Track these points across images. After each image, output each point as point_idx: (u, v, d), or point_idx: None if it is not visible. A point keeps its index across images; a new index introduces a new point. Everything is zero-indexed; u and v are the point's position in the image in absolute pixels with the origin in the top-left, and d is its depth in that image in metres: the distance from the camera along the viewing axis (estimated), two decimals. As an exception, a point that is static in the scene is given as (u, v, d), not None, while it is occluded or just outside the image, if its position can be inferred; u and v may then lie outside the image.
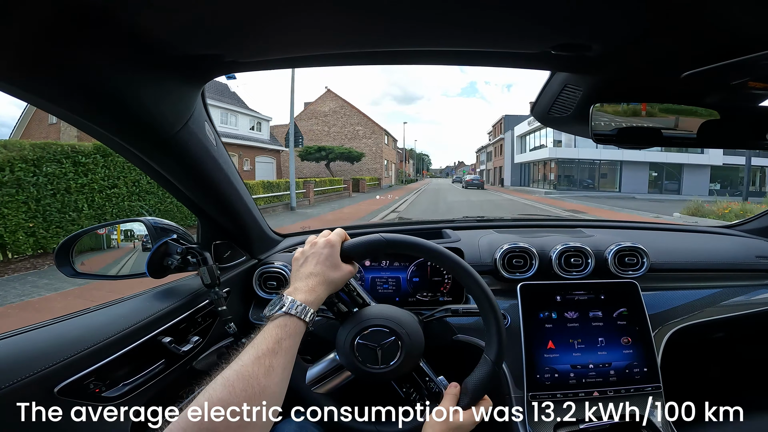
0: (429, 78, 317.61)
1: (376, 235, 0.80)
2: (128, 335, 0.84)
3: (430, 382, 0.84)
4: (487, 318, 0.79)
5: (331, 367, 0.86)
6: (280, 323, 0.62)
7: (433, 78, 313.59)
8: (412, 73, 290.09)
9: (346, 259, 0.77)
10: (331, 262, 0.74)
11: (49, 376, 0.69)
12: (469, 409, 0.74)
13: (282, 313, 0.63)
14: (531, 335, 1.06)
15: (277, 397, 0.58)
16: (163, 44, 0.61)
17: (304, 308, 0.64)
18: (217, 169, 0.93)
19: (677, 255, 1.29)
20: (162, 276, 0.98)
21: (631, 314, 1.07)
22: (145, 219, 0.99)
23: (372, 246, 0.80)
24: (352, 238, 0.82)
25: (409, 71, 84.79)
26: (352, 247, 0.79)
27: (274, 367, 0.57)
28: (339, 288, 0.77)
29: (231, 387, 0.54)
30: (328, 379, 0.85)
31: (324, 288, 0.71)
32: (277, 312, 0.64)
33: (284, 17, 0.58)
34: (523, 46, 0.68)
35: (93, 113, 0.66)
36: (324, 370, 0.86)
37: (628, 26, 0.60)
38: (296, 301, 0.65)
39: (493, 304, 0.78)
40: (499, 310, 0.79)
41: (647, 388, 1.03)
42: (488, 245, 1.28)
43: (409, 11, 0.56)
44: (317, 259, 0.74)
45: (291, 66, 0.74)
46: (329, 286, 0.72)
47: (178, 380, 0.97)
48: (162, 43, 0.60)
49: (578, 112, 0.84)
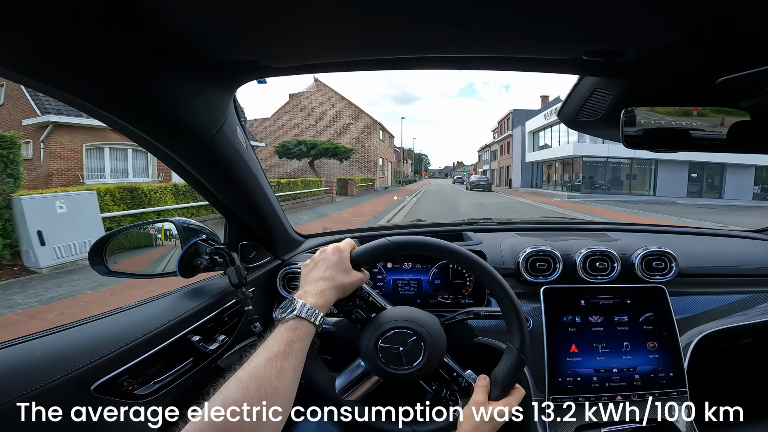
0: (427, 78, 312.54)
1: (383, 240, 0.82)
2: (160, 334, 0.86)
3: (458, 377, 0.84)
4: (505, 306, 0.80)
5: (358, 373, 0.86)
6: (291, 326, 0.64)
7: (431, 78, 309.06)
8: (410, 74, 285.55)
9: (356, 266, 0.80)
10: (341, 268, 0.76)
11: (86, 374, 0.71)
12: (503, 400, 0.75)
13: (293, 316, 0.65)
14: (554, 339, 1.05)
15: (288, 398, 0.60)
16: (203, 50, 0.62)
17: (314, 311, 0.66)
18: (248, 172, 0.95)
19: (706, 260, 1.27)
20: (191, 275, 1.00)
21: (658, 319, 1.06)
22: (175, 219, 1.01)
23: (379, 250, 0.82)
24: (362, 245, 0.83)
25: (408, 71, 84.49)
26: (361, 253, 0.81)
27: (285, 369, 0.59)
28: (348, 293, 0.79)
29: (245, 388, 0.56)
30: (358, 385, 0.86)
31: (333, 292, 0.73)
32: (288, 315, 0.66)
33: (319, 24, 0.59)
34: (555, 52, 0.68)
35: (134, 116, 0.68)
36: (352, 377, 0.86)
37: (663, 33, 0.60)
38: (306, 304, 0.66)
39: (507, 290, 0.79)
40: (515, 297, 0.80)
41: (672, 392, 1.02)
42: (511, 248, 1.27)
43: (447, 19, 0.57)
44: (327, 264, 0.76)
45: (322, 71, 0.76)
46: (338, 290, 0.74)
47: (203, 378, 0.98)
48: (203, 49, 0.62)
49: (608, 115, 0.83)
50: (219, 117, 0.79)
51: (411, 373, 0.81)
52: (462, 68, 0.74)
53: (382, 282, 1.23)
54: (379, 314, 0.86)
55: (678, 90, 0.76)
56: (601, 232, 1.44)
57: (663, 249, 1.19)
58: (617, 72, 0.73)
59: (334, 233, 1.51)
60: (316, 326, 0.66)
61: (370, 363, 0.83)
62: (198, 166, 0.88)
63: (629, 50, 0.64)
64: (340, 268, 0.76)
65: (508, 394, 0.77)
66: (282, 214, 1.23)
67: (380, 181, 35.13)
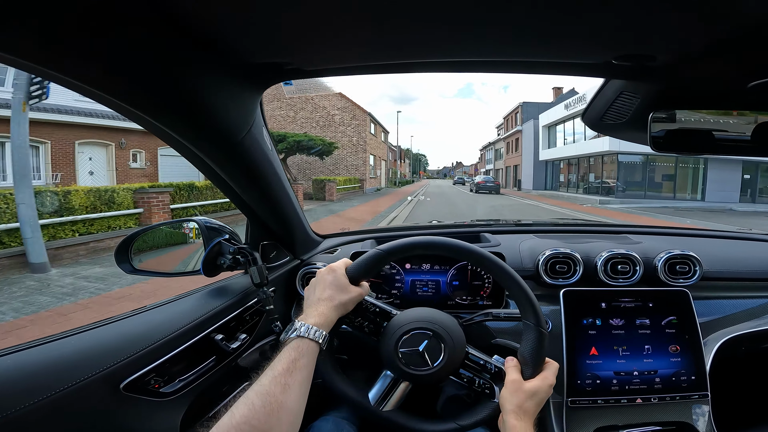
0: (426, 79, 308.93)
1: (374, 250, 0.85)
2: (185, 332, 0.87)
3: (486, 364, 0.85)
4: (508, 284, 0.82)
5: (387, 382, 0.87)
6: (294, 345, 0.68)
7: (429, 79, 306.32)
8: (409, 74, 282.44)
9: (355, 281, 0.83)
10: (337, 286, 0.79)
11: (116, 373, 0.71)
12: (538, 376, 0.78)
13: (295, 336, 0.69)
14: (573, 341, 1.05)
15: (295, 412, 0.63)
16: (237, 52, 0.63)
17: (315, 330, 0.70)
18: (273, 173, 0.96)
19: (730, 263, 1.25)
20: (215, 275, 1.01)
21: (681, 322, 1.05)
22: (198, 219, 1.02)
23: (372, 261, 0.84)
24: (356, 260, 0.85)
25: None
26: (355, 268, 0.84)
27: (290, 384, 0.63)
28: (351, 309, 0.81)
29: (251, 404, 0.59)
30: (391, 394, 0.86)
31: (333, 311, 0.76)
32: (291, 336, 0.70)
33: (350, 29, 0.59)
34: (585, 57, 0.68)
35: (168, 117, 0.69)
36: (382, 388, 0.87)
37: (696, 38, 0.59)
38: (305, 324, 0.71)
39: (506, 269, 0.82)
40: (515, 273, 0.82)
41: (694, 396, 1.01)
42: (530, 250, 1.27)
43: (480, 24, 0.57)
44: (323, 285, 0.80)
45: (350, 73, 0.76)
46: (339, 308, 0.78)
47: (224, 377, 1.00)
48: (236, 52, 0.63)
49: (634, 118, 0.83)
50: (248, 119, 0.80)
51: (437, 370, 0.82)
52: (489, 71, 0.74)
53: (401, 283, 1.24)
54: (391, 321, 0.87)
55: (707, 94, 0.76)
56: (622, 235, 1.43)
57: (687, 252, 1.17)
58: (646, 76, 0.72)
59: (352, 233, 1.52)
60: (319, 343, 0.70)
61: (395, 369, 0.84)
62: (226, 166, 0.88)
63: (661, 55, 0.64)
64: (337, 286, 0.79)
65: (541, 370, 0.78)
66: (302, 214, 1.24)
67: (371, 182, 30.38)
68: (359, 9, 0.53)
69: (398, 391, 0.87)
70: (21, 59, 0.49)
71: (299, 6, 0.52)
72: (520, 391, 0.75)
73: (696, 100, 0.76)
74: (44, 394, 0.61)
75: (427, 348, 0.82)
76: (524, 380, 0.77)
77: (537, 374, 0.78)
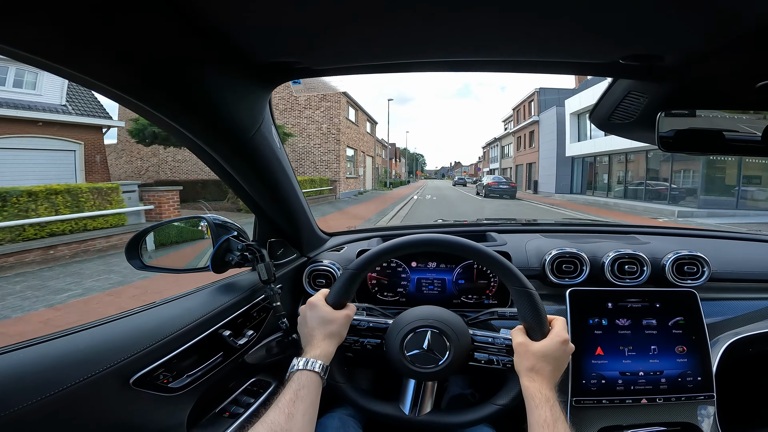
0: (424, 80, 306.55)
1: (344, 272, 0.88)
2: (194, 328, 0.88)
3: (495, 340, 0.87)
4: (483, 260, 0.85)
5: (414, 389, 0.88)
6: (296, 378, 0.73)
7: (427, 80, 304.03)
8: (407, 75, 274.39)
9: (338, 307, 0.85)
10: (321, 319, 0.83)
11: (126, 368, 0.72)
12: (549, 334, 0.78)
13: (295, 370, 0.74)
14: (579, 341, 1.04)
15: None
16: (248, 51, 0.64)
17: (313, 362, 0.75)
18: (281, 170, 0.97)
19: (739, 264, 1.24)
20: (223, 271, 1.02)
21: (687, 323, 1.04)
22: (207, 216, 1.03)
23: (346, 283, 0.86)
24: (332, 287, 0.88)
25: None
26: (333, 295, 0.86)
27: (294, 413, 0.67)
28: (345, 334, 0.85)
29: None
30: (421, 399, 0.87)
31: (327, 342, 0.80)
32: (291, 371, 0.75)
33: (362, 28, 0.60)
34: (594, 57, 0.68)
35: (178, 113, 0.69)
36: (411, 395, 0.88)
37: (705, 39, 0.59)
38: (302, 358, 0.76)
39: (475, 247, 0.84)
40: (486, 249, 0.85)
41: (699, 397, 1.00)
42: (536, 249, 1.27)
43: (491, 24, 0.58)
44: (309, 322, 0.84)
45: (360, 72, 0.77)
46: (332, 338, 0.81)
47: (230, 373, 1.00)
48: (247, 50, 0.64)
49: (642, 118, 0.83)
50: (258, 116, 0.81)
51: (447, 363, 0.82)
52: (499, 71, 0.74)
53: (406, 281, 1.24)
54: (390, 327, 0.89)
55: (715, 94, 0.76)
56: (630, 235, 1.42)
57: (695, 253, 1.17)
58: (654, 76, 0.72)
59: (358, 231, 1.52)
60: (318, 373, 0.74)
61: (407, 372, 0.85)
62: (236, 164, 0.89)
63: (668, 55, 0.64)
64: (320, 319, 0.83)
65: (548, 330, 0.79)
66: (309, 212, 1.24)
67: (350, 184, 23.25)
68: (371, 8, 0.54)
69: (427, 393, 0.87)
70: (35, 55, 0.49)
71: (311, 6, 0.52)
72: (529, 353, 0.76)
73: (704, 100, 0.76)
74: (56, 389, 0.61)
75: (431, 344, 0.83)
76: (536, 341, 0.77)
77: (547, 333, 0.78)
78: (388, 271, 1.24)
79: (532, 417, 0.70)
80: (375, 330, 0.91)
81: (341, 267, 1.25)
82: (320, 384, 0.74)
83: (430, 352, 0.82)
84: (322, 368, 0.75)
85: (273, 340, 1.15)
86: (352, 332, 0.89)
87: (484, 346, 0.87)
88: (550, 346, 0.76)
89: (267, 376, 1.11)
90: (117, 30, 0.49)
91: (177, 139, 0.78)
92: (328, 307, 0.84)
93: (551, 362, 0.75)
